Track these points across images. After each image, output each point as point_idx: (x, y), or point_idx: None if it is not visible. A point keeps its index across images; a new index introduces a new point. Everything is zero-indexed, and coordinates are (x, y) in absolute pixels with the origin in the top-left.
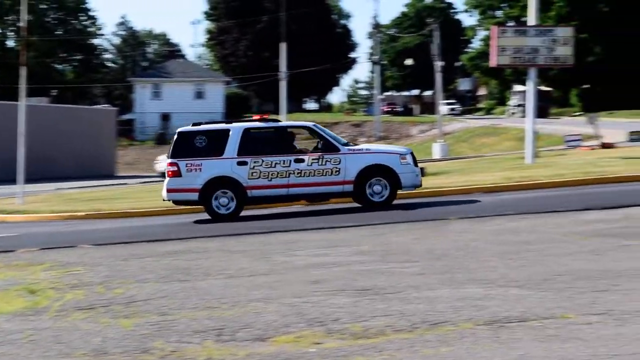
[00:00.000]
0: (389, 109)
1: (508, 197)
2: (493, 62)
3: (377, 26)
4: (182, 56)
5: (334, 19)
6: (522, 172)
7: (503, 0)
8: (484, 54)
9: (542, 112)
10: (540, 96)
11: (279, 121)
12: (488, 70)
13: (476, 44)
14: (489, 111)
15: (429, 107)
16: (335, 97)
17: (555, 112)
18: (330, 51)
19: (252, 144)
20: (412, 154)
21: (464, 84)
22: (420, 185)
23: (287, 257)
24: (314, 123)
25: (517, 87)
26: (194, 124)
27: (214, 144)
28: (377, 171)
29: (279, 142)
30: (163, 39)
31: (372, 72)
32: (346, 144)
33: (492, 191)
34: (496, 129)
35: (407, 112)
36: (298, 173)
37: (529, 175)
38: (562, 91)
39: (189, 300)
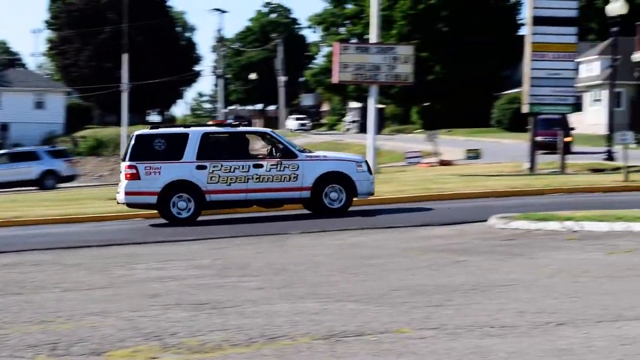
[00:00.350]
0: (237, 123)
1: (350, 211)
2: (335, 78)
3: (221, 40)
4: (22, 65)
5: (178, 31)
6: None
7: (346, 17)
8: (327, 70)
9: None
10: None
11: (237, 126)
12: (331, 86)
13: (320, 60)
14: (331, 127)
15: (272, 122)
16: (179, 109)
17: (396, 129)
18: (174, 63)
19: (211, 148)
20: (366, 162)
21: (307, 100)
22: (373, 193)
23: (126, 270)
24: (271, 129)
25: (352, 104)
26: (152, 127)
27: (173, 147)
28: (334, 178)
29: (237, 147)
30: (2, 47)
31: (216, 85)
32: (302, 151)
33: None
34: (338, 145)
35: (249, 126)
36: (257, 178)
37: None
38: (403, 108)
39: (23, 314)
